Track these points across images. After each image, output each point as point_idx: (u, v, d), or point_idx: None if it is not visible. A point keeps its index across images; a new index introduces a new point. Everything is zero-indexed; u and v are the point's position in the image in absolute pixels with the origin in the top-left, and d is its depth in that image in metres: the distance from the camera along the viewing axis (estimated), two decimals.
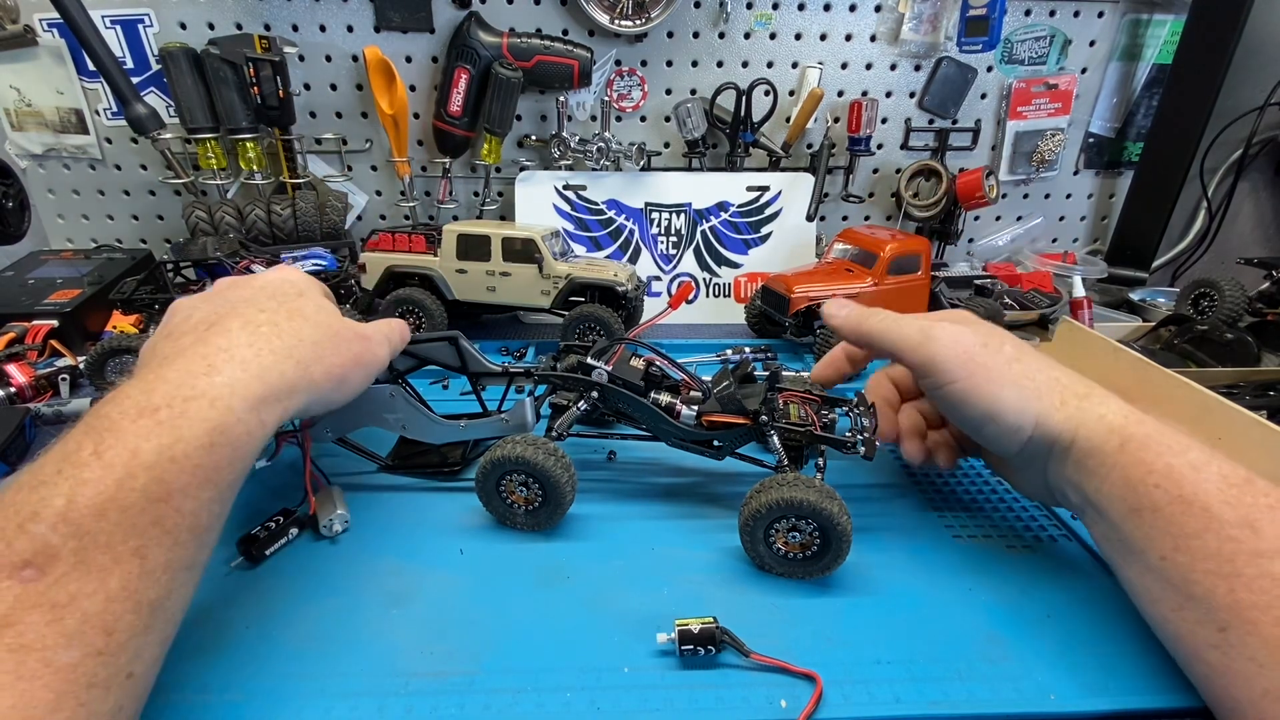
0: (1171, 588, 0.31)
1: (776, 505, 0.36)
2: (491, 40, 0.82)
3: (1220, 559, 0.29)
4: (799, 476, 0.38)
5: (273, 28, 0.83)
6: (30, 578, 0.24)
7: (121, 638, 0.25)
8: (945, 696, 0.31)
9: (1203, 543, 0.30)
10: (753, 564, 0.40)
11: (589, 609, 0.36)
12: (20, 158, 0.88)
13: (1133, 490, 0.32)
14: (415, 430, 0.46)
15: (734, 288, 0.89)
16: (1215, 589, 0.29)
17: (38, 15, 0.81)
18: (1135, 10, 0.91)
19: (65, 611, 0.24)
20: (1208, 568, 0.29)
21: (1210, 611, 0.29)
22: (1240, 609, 0.28)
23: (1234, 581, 0.29)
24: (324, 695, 0.31)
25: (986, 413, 0.37)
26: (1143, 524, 0.32)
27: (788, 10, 0.87)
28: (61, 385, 0.61)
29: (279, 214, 0.81)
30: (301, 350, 0.35)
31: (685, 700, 0.31)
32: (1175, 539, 0.31)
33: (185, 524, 0.28)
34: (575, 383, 0.45)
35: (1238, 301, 0.71)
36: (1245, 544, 0.29)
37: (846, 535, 0.36)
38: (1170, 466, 0.32)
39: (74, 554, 0.25)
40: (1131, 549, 0.33)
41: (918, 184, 0.94)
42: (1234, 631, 0.28)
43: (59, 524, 0.25)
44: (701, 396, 0.45)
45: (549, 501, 0.41)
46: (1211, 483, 0.31)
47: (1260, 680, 0.27)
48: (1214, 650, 0.29)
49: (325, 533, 0.42)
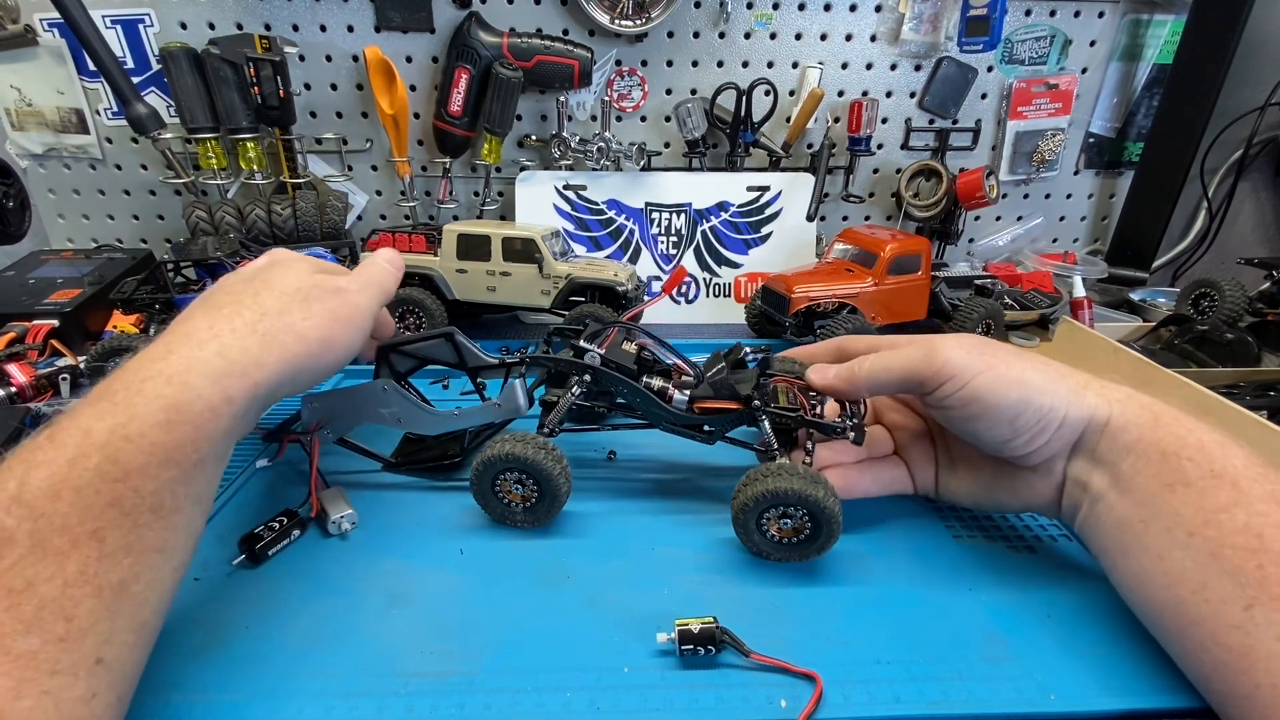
0: (1197, 565, 0.30)
1: (764, 496, 0.37)
2: (492, 40, 0.82)
3: (1249, 533, 0.29)
4: (784, 465, 0.39)
5: (273, 28, 0.83)
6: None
7: (83, 623, 0.24)
8: (945, 696, 0.31)
9: (1231, 516, 0.30)
10: (750, 555, 0.40)
11: (589, 609, 0.36)
12: (21, 157, 0.88)
13: (1167, 464, 0.32)
14: (411, 422, 0.46)
15: (734, 288, 0.89)
16: (1244, 564, 0.29)
17: (38, 15, 0.81)
18: (1135, 10, 0.91)
19: (21, 597, 0.23)
20: (1236, 542, 0.29)
21: (1238, 588, 0.29)
22: (1269, 584, 0.28)
23: (1262, 557, 0.28)
24: (324, 695, 0.31)
25: (1020, 398, 0.35)
26: (1174, 499, 0.32)
27: (788, 10, 0.87)
28: (62, 385, 0.61)
29: (279, 214, 0.81)
30: (266, 323, 0.34)
31: (685, 700, 0.31)
32: (1206, 513, 0.30)
33: (145, 504, 0.27)
34: (569, 365, 0.45)
35: (1238, 301, 0.71)
36: (1273, 518, 0.29)
37: (835, 518, 0.37)
38: (1201, 442, 0.32)
39: (29, 536, 0.24)
40: (1159, 526, 0.32)
41: (918, 184, 0.94)
42: (1260, 609, 0.28)
43: (12, 506, 0.25)
44: (694, 381, 0.45)
45: (545, 496, 0.41)
46: (1240, 460, 0.31)
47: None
48: (1236, 631, 0.28)
49: (334, 531, 0.42)
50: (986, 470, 0.41)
